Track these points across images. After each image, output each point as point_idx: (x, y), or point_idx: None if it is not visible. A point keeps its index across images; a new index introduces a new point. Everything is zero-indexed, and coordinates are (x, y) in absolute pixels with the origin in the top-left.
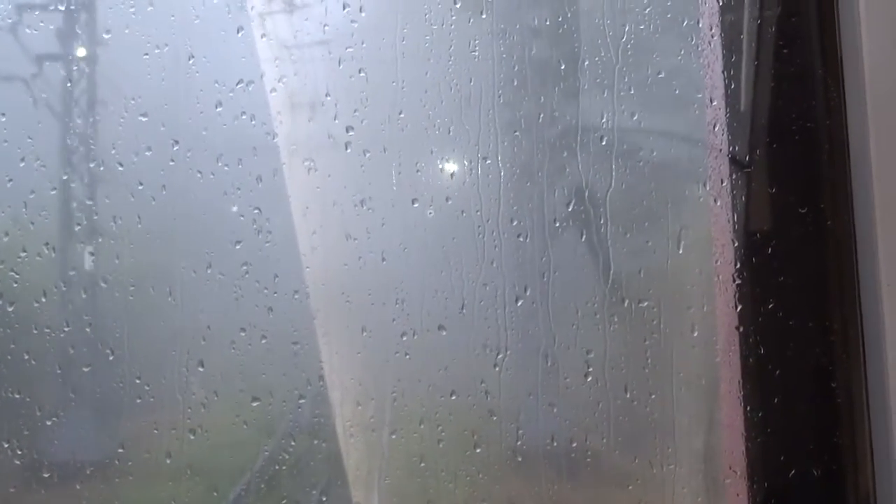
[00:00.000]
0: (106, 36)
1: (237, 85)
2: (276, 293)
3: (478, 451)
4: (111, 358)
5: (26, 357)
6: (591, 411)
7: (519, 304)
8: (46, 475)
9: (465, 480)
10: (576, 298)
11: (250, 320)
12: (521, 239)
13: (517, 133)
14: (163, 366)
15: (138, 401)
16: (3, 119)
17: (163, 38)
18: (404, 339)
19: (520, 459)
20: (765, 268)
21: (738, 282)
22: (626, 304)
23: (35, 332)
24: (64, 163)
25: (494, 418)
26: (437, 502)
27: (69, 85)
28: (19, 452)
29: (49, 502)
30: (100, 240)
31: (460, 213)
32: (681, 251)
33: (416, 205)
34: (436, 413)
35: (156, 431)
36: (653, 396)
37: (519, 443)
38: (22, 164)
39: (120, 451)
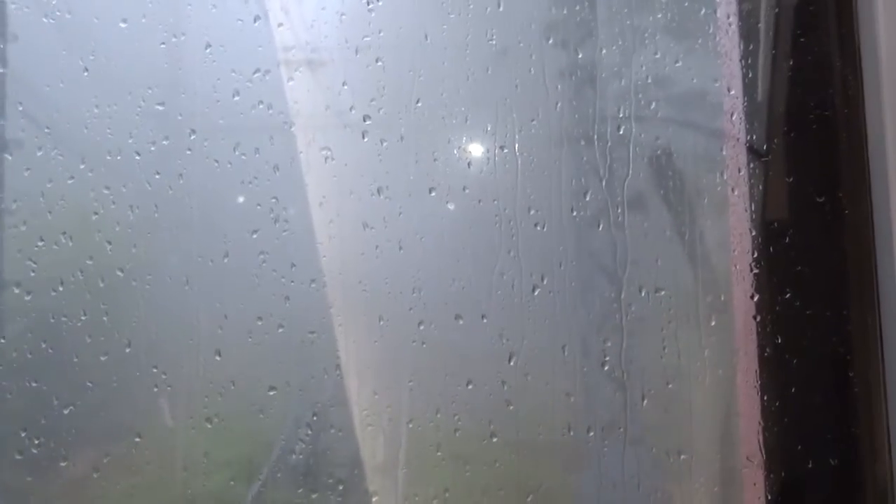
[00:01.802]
0: (122, 25)
1: (254, 74)
2: (292, 282)
3: (494, 440)
4: (128, 347)
5: (43, 346)
6: (607, 401)
7: (536, 293)
8: (63, 464)
9: (482, 470)
10: (593, 287)
11: (267, 309)
12: (539, 228)
13: (534, 122)
14: (179, 355)
15: (155, 390)
16: (21, 109)
17: (180, 26)
18: (421, 328)
19: (536, 449)
20: (782, 257)
21: (755, 271)
22: (643, 294)
23: (52, 321)
24: (81, 152)
25: (511, 408)
26: (454, 491)
27: (86, 73)
28: (36, 442)
29: (66, 492)
30: (117, 229)
31: (477, 202)
32: (698, 240)
33: (433, 194)
34: (452, 402)
35: (172, 420)
36: (670, 386)
37: (535, 432)
38: (39, 154)
39: (137, 440)
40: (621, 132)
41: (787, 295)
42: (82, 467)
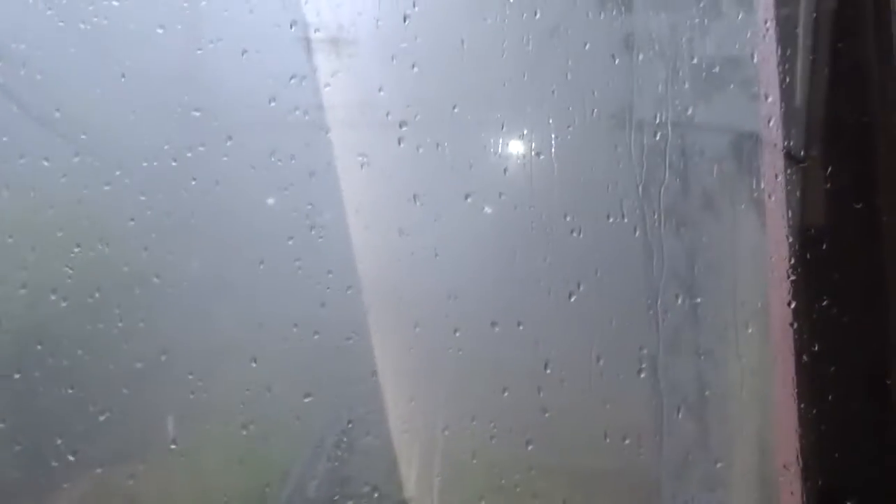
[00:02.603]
0: (160, 31)
1: (290, 80)
2: (328, 289)
3: (530, 448)
4: (164, 354)
5: (80, 353)
6: (644, 408)
7: (572, 300)
8: (100, 471)
9: (517, 478)
10: (629, 294)
11: (303, 316)
12: (575, 235)
13: (570, 128)
14: (216, 361)
15: (191, 396)
16: (58, 115)
17: (216, 32)
18: (457, 335)
19: (572, 456)
20: (819, 264)
21: (792, 278)
22: (679, 301)
23: (88, 327)
24: (118, 158)
25: (547, 415)
26: (490, 499)
27: (123, 79)
28: (73, 448)
29: (103, 498)
30: (153, 235)
31: (513, 208)
32: (735, 247)
33: (469, 200)
34: (488, 409)
35: (208, 427)
36: (706, 393)
37: (571, 440)
38: (76, 160)
39: (173, 446)
40: (657, 138)
41: (825, 302)
42: (119, 474)
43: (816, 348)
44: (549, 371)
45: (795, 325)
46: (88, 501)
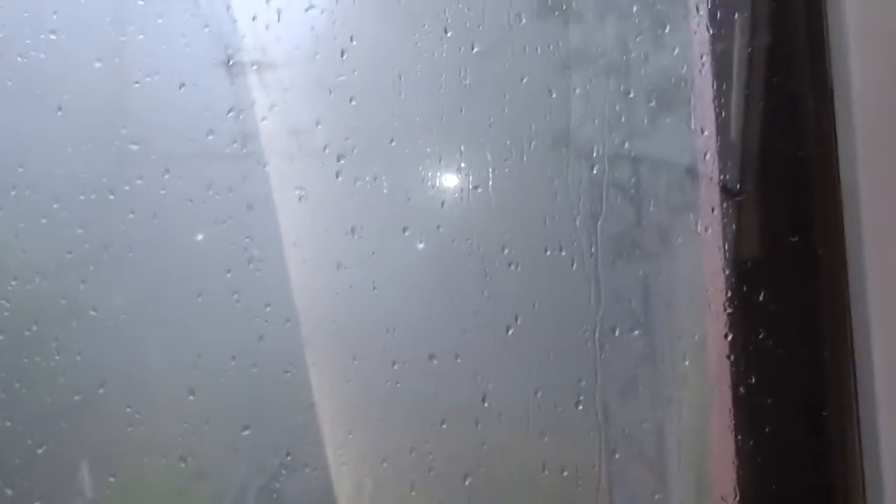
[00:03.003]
0: (97, 65)
1: (228, 113)
2: (266, 322)
3: (468, 480)
4: (101, 388)
5: (17, 386)
6: (581, 440)
7: (510, 332)
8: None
9: None
10: (567, 327)
11: (241, 349)
12: (513, 268)
13: (508, 161)
14: (153, 394)
15: (129, 429)
16: None
17: (154, 66)
18: (395, 367)
19: (511, 489)
20: (756, 297)
21: (728, 311)
22: (617, 334)
23: (25, 360)
24: (55, 192)
25: (485, 447)
26: None
27: (59, 114)
28: (10, 482)
29: None
30: (91, 269)
31: (451, 241)
32: (672, 280)
33: (407, 233)
34: (426, 442)
35: (146, 460)
36: (644, 425)
37: (509, 472)
38: (13, 193)
39: (111, 479)
40: (594, 171)
41: (761, 334)
42: None
43: (753, 380)
44: (487, 404)
45: (732, 358)
46: None
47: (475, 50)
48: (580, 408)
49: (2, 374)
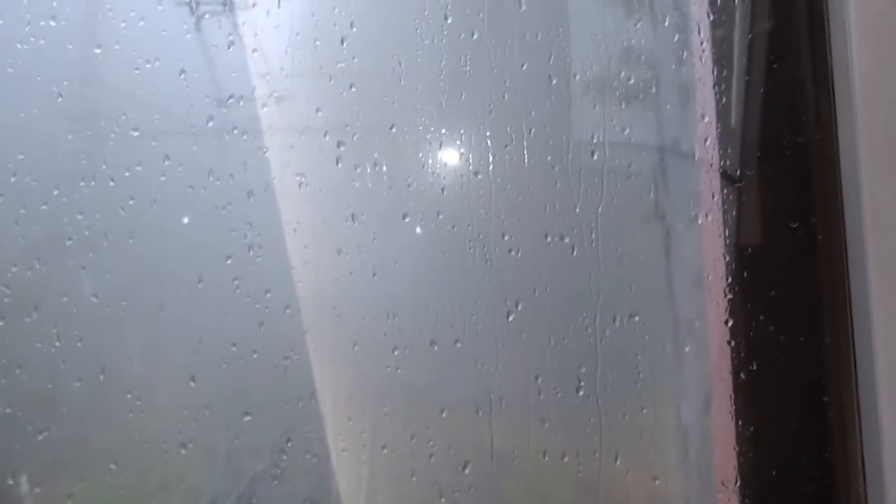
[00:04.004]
0: (97, 51)
1: (228, 100)
2: (267, 308)
3: (468, 466)
4: (102, 374)
5: (18, 372)
6: (582, 426)
7: (510, 319)
8: (38, 490)
9: (457, 497)
10: (567, 313)
11: (241, 335)
12: (513, 254)
13: (508, 147)
14: (154, 380)
15: (129, 415)
16: None
17: (154, 52)
18: (395, 353)
19: (511, 475)
20: (756, 282)
21: (729, 296)
22: (617, 319)
23: (26, 347)
24: (55, 178)
25: (485, 433)
26: None
27: (60, 101)
28: (10, 468)
29: None
30: (91, 255)
31: (451, 227)
32: (672, 266)
33: (407, 220)
34: (427, 429)
35: (147, 446)
36: (644, 411)
37: (510, 458)
38: (13, 180)
39: (112, 466)
40: (595, 158)
41: (762, 320)
42: (56, 494)
43: (754, 366)
44: (487, 390)
45: (733, 343)
46: None
47: (475, 36)
48: (581, 394)
49: (2, 360)
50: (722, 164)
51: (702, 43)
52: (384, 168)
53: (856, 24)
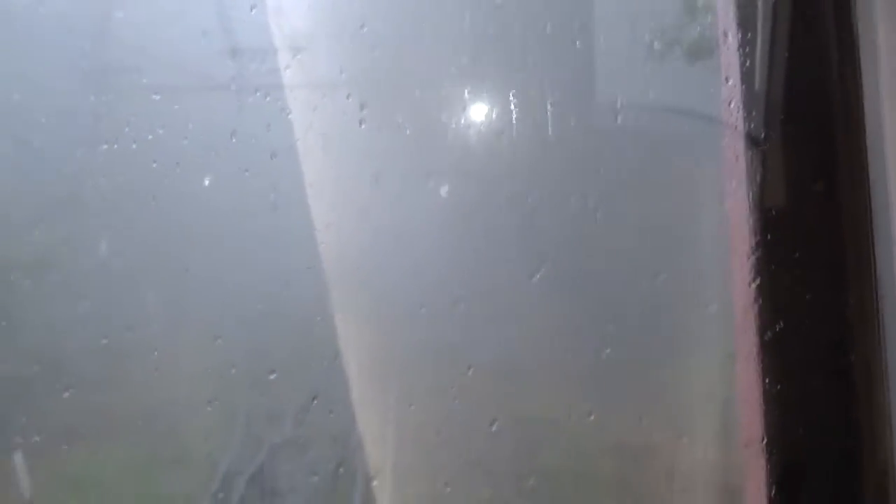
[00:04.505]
0: (120, 15)
1: (251, 62)
2: (291, 268)
3: (494, 424)
4: (129, 332)
5: (45, 331)
6: (609, 385)
7: (535, 278)
8: (65, 447)
9: (481, 454)
10: (591, 274)
11: (267, 295)
12: (537, 215)
13: (532, 110)
14: (180, 339)
15: (155, 373)
16: (19, 98)
17: (176, 14)
18: (421, 311)
19: (536, 433)
20: (781, 243)
21: (754, 257)
22: (643, 279)
23: (52, 306)
24: (78, 141)
25: (511, 391)
26: (453, 475)
27: (84, 64)
28: (38, 424)
29: (67, 473)
30: (114, 217)
31: (475, 189)
32: (697, 228)
33: (430, 181)
34: (452, 387)
35: (173, 404)
36: (670, 370)
37: (536, 415)
38: (36, 143)
39: (138, 422)
40: (619, 121)
41: (786, 280)
42: (82, 451)
43: (779, 326)
44: (512, 348)
45: (759, 304)
46: (52, 476)
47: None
48: (608, 351)
49: (29, 319)
50: (746, 126)
51: (727, 6)
52: (408, 130)
53: None
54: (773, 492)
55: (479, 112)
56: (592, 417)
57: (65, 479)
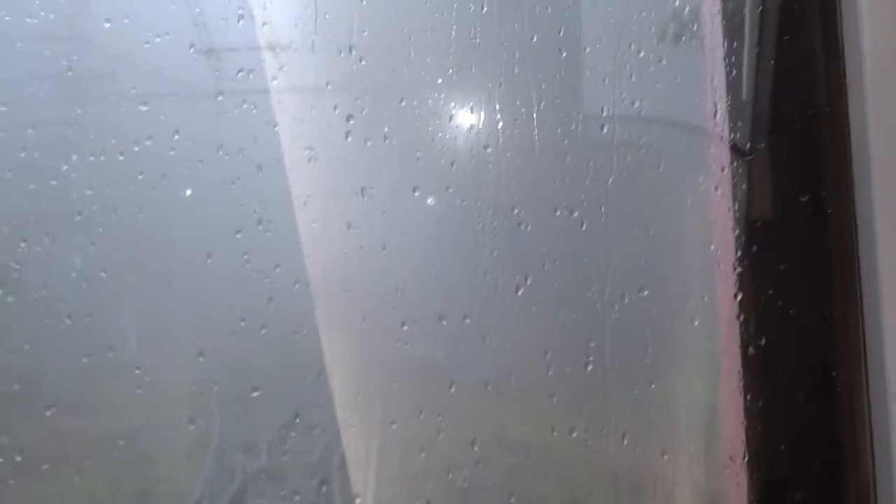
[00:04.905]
0: (106, 25)
1: (238, 73)
2: (276, 283)
3: (477, 442)
4: (111, 350)
5: (26, 348)
6: (591, 401)
7: (519, 293)
8: (46, 467)
9: (465, 472)
10: (576, 288)
11: (250, 310)
12: (522, 228)
13: (518, 121)
14: (162, 356)
15: (138, 391)
16: (4, 109)
17: (163, 26)
18: (405, 328)
19: (519, 450)
20: (765, 256)
21: (738, 270)
22: (626, 294)
23: (35, 323)
24: (64, 153)
25: (494, 409)
26: (437, 493)
27: (69, 74)
28: (19, 444)
29: (48, 494)
30: (100, 230)
31: (461, 201)
32: (681, 240)
33: (416, 193)
34: (435, 404)
35: (155, 422)
36: (653, 386)
37: (519, 434)
38: (22, 155)
39: (120, 442)
40: (604, 132)
41: (771, 294)
42: (65, 471)
43: (763, 341)
44: (496, 366)
45: (742, 318)
46: (36, 497)
47: (485, 9)
48: (589, 368)
49: (12, 335)
50: (732, 137)
51: (712, 14)
52: (394, 142)
53: None
54: None
55: (465, 124)
56: (575, 434)
57: (46, 497)
